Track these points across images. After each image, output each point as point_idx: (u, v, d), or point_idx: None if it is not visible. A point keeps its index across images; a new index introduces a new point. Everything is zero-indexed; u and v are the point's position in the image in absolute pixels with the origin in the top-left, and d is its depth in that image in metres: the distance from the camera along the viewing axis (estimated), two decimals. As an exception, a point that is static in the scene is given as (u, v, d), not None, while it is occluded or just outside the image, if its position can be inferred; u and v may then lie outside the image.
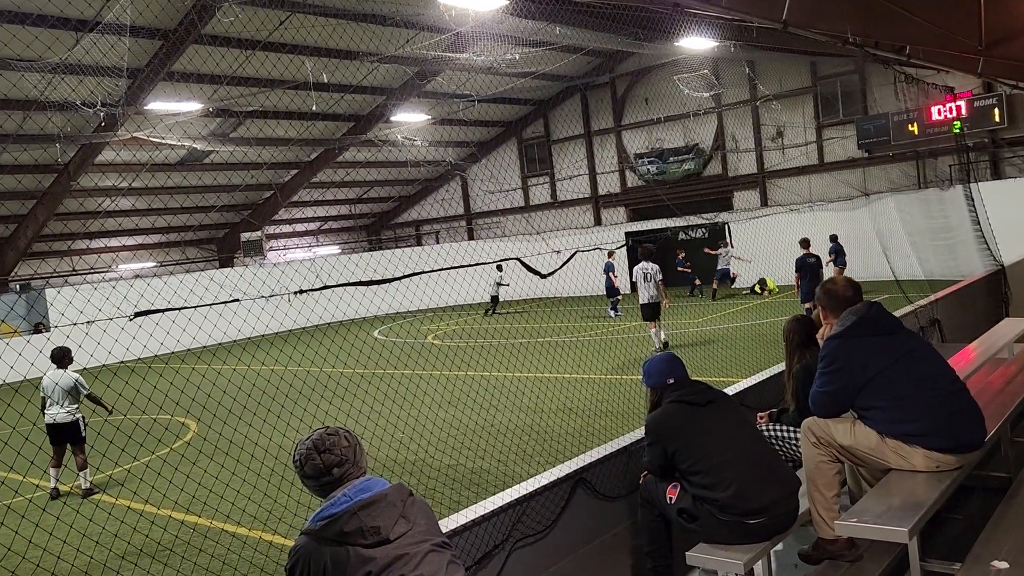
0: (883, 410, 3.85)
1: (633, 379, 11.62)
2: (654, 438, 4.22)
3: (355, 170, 29.69)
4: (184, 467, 8.81)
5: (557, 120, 31.06)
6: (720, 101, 26.15)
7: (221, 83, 19.30)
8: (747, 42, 14.14)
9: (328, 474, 2.70)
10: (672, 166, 27.65)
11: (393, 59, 20.82)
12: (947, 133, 19.13)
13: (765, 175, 26.21)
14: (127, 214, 26.17)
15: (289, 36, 18.81)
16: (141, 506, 8.05)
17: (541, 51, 18.99)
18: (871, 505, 3.67)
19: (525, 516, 4.38)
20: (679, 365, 4.37)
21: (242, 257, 29.35)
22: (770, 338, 14.23)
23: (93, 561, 6.61)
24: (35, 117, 18.26)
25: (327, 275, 26.04)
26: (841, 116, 24.29)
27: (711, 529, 3.92)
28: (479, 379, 12.94)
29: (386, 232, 36.06)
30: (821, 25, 8.47)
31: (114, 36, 14.16)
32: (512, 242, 28.71)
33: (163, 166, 24.16)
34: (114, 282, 24.63)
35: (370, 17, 18.12)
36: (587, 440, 8.19)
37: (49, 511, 7.98)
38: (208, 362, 20.64)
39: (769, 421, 5.14)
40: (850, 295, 4.18)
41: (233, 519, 7.30)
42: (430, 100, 25.28)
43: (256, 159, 25.39)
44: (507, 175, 32.11)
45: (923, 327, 8.42)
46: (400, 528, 2.60)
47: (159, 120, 20.25)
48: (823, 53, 17.21)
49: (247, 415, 10.03)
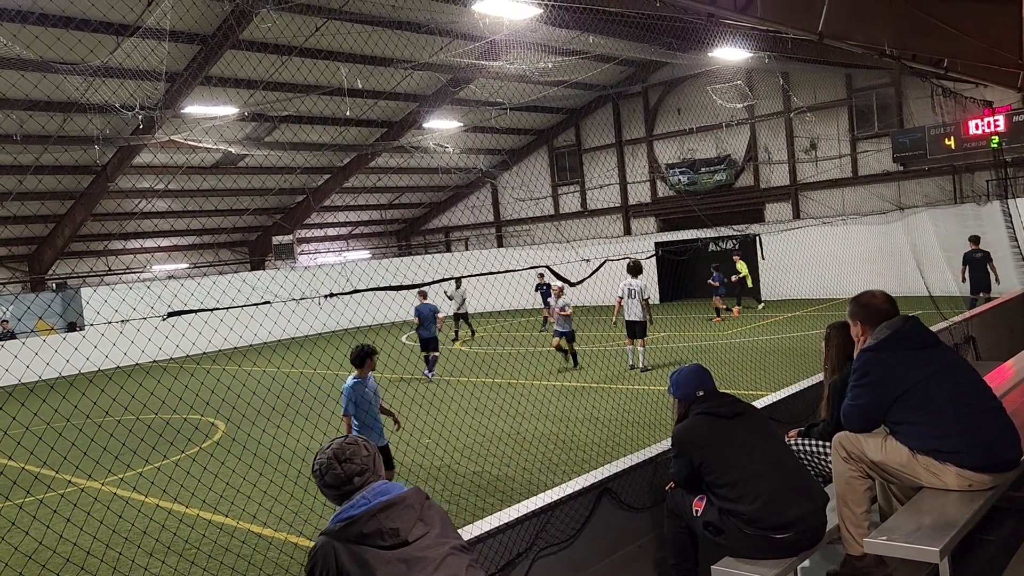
0: (915, 425, 3.79)
1: (659, 390, 11.55)
2: (681, 449, 4.19)
3: (387, 176, 29.91)
4: (213, 467, 8.91)
5: (588, 129, 31.05)
6: (753, 112, 25.98)
7: (257, 88, 19.56)
8: (782, 53, 14.03)
9: (349, 483, 2.72)
10: (703, 177, 27.51)
11: (427, 66, 20.96)
12: (985, 148, 18.85)
13: (798, 187, 25.98)
14: (162, 215, 26.59)
15: (325, 42, 19.03)
16: (170, 504, 8.15)
17: (574, 60, 19.01)
18: (901, 523, 3.61)
19: (549, 525, 4.37)
20: (708, 377, 4.35)
21: (273, 260, 29.65)
22: (799, 351, 14.09)
23: (122, 557, 6.70)
24: (76, 119, 18.63)
25: (357, 279, 26.20)
26: (876, 129, 24.02)
27: (737, 543, 3.88)
28: (506, 386, 12.94)
29: (416, 238, 36.25)
30: (857, 37, 8.40)
31: (154, 40, 14.43)
32: (541, 250, 28.73)
33: (198, 169, 24.51)
34: (148, 282, 25.01)
35: (405, 24, 18.27)
36: (613, 450, 8.16)
37: (80, 507, 8.10)
38: (239, 363, 20.87)
39: (798, 437, 5.08)
40: (888, 308, 4.09)
41: (260, 520, 7.37)
42: (462, 107, 25.41)
43: (289, 163, 25.68)
44: (537, 183, 32.14)
45: (958, 344, 8.28)
46: (418, 531, 2.61)
47: (196, 123, 20.57)
48: (859, 65, 17.04)
49: (275, 417, 10.12)
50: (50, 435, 9.36)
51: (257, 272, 28.25)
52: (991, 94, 18.48)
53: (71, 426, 10.22)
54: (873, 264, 21.10)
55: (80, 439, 9.97)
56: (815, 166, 25.46)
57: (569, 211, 31.73)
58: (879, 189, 23.82)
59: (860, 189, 24.36)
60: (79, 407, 12.22)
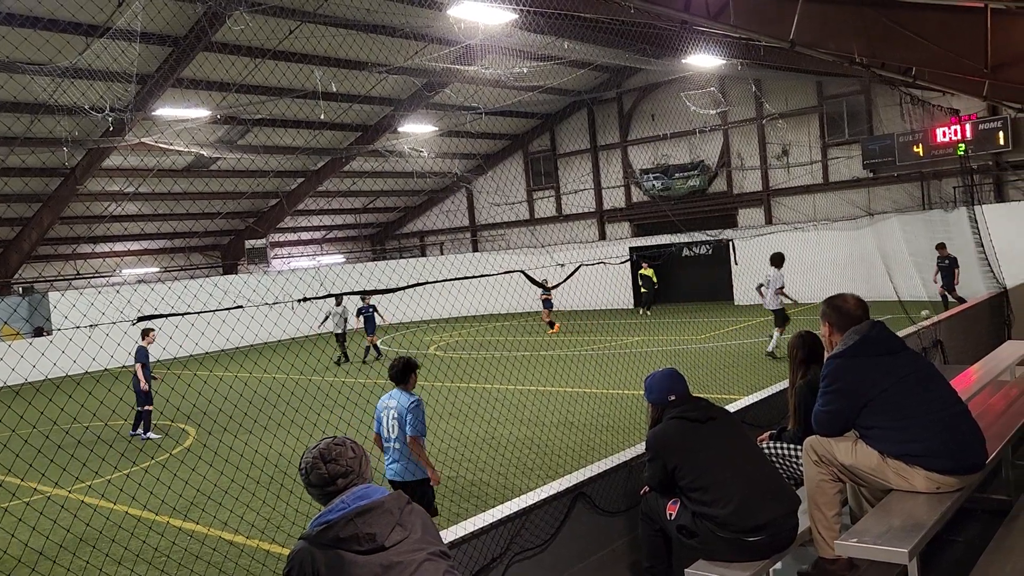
0: (885, 430, 3.85)
1: (635, 394, 11.60)
2: (654, 454, 4.21)
3: (361, 180, 29.77)
4: (183, 473, 8.80)
5: (563, 134, 31.16)
6: (726, 118, 26.22)
7: (229, 90, 19.39)
8: (754, 60, 14.21)
9: (333, 484, 2.72)
10: (677, 182, 27.71)
11: (402, 70, 20.91)
12: (952, 155, 19.17)
13: (770, 193, 26.25)
14: (133, 219, 26.24)
15: (299, 45, 18.91)
16: (139, 512, 8.04)
17: (549, 65, 19.06)
18: (871, 525, 3.66)
19: (524, 529, 4.37)
20: (681, 381, 4.38)
21: (246, 264, 29.40)
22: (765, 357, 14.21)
23: (89, 565, 6.59)
24: (44, 120, 18.33)
25: (331, 284, 26.11)
26: (847, 136, 24.34)
27: (710, 546, 3.91)
28: (481, 391, 12.93)
29: (391, 242, 36.13)
30: (828, 45, 8.52)
31: (125, 42, 14.24)
32: (517, 255, 28.75)
33: (170, 172, 24.23)
34: (118, 287, 24.66)
35: (379, 28, 18.21)
36: (587, 454, 8.18)
37: (46, 515, 7.96)
38: (210, 368, 20.65)
39: (770, 440, 5.13)
40: (859, 314, 4.16)
41: (231, 527, 7.29)
42: (437, 112, 25.38)
43: (263, 167, 25.47)
44: (513, 188, 32.18)
45: (926, 348, 8.41)
46: (396, 536, 2.61)
47: (167, 126, 20.34)
48: (830, 73, 17.28)
49: (247, 423, 10.02)
50: (15, 442, 9.20)
51: (229, 276, 27.98)
52: (958, 102, 18.83)
53: (37, 432, 10.04)
54: (844, 269, 21.35)
55: (47, 446, 9.80)
56: (787, 172, 25.74)
57: (544, 216, 31.80)
58: (849, 195, 24.14)
59: (831, 195, 24.67)
60: (45, 413, 12.03)
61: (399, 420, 6.06)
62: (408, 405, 6.05)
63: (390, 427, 6.09)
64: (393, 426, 6.08)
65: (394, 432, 6.08)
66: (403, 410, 6.04)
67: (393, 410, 6.10)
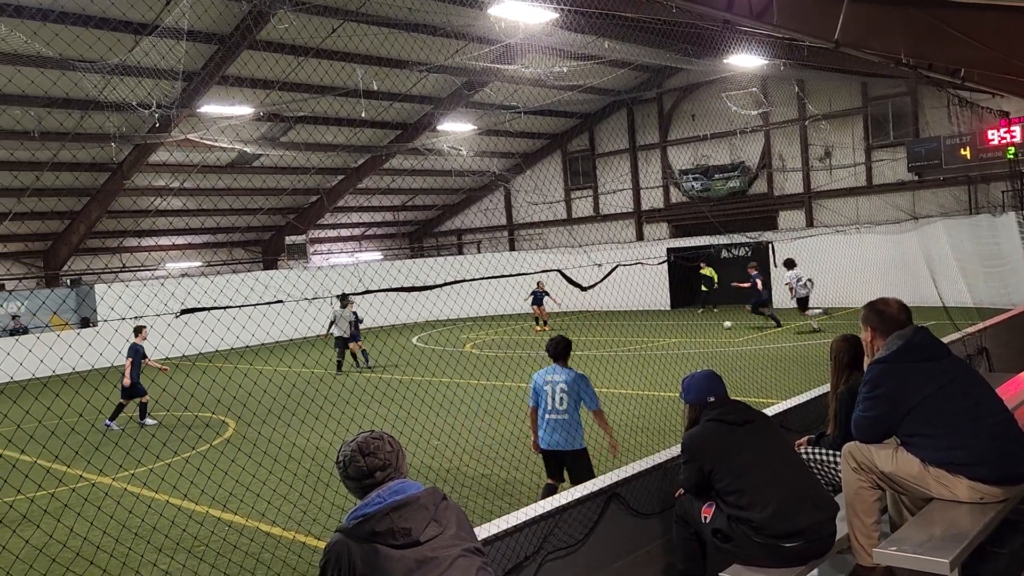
0: (927, 438, 3.78)
1: (670, 396, 11.53)
2: (690, 456, 4.19)
3: (400, 177, 29.99)
4: (223, 464, 8.95)
5: (602, 134, 31.06)
6: (768, 119, 25.92)
7: (273, 88, 19.67)
8: (797, 61, 14.01)
9: (370, 477, 2.76)
10: (717, 183, 27.46)
11: (442, 69, 21.02)
12: (1001, 158, 18.74)
13: (812, 195, 25.90)
14: (177, 214, 26.75)
15: (341, 44, 19.11)
16: (180, 501, 8.19)
17: (589, 65, 19.02)
18: (912, 534, 3.60)
19: (557, 529, 4.37)
20: (719, 383, 4.34)
21: (286, 260, 29.79)
22: (811, 360, 14.02)
23: (131, 552, 6.74)
24: (93, 116, 18.78)
25: (369, 280, 26.35)
26: (892, 138, 23.92)
27: (746, 550, 3.88)
28: (516, 389, 12.95)
29: (428, 240, 36.33)
30: (874, 45, 8.38)
31: (172, 39, 14.53)
32: (553, 254, 28.75)
33: (213, 168, 24.66)
34: (162, 280, 25.16)
35: (421, 27, 18.33)
36: (622, 456, 8.15)
37: (91, 502, 8.16)
38: (250, 362, 20.96)
39: (808, 445, 5.07)
40: (902, 318, 4.07)
41: (268, 518, 7.40)
42: (477, 110, 25.46)
43: (304, 164, 25.80)
44: (550, 187, 32.17)
45: (971, 355, 8.24)
46: (431, 531, 2.64)
47: (212, 123, 20.70)
48: (875, 74, 16.98)
49: (286, 416, 10.15)
50: (62, 430, 9.44)
51: (270, 271, 28.37)
52: (1008, 105, 18.39)
53: (83, 421, 10.30)
54: (886, 273, 20.99)
55: (92, 434, 10.03)
56: (829, 174, 25.37)
57: (582, 215, 31.73)
58: (893, 198, 23.71)
59: (874, 198, 24.26)
60: (91, 402, 12.34)
61: (568, 393, 6.38)
62: (579, 380, 6.43)
63: (558, 399, 6.39)
64: (562, 399, 6.38)
65: (562, 404, 6.38)
66: (574, 384, 6.40)
67: (561, 384, 6.41)
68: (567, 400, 6.39)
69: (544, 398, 6.47)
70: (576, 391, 6.40)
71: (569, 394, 6.39)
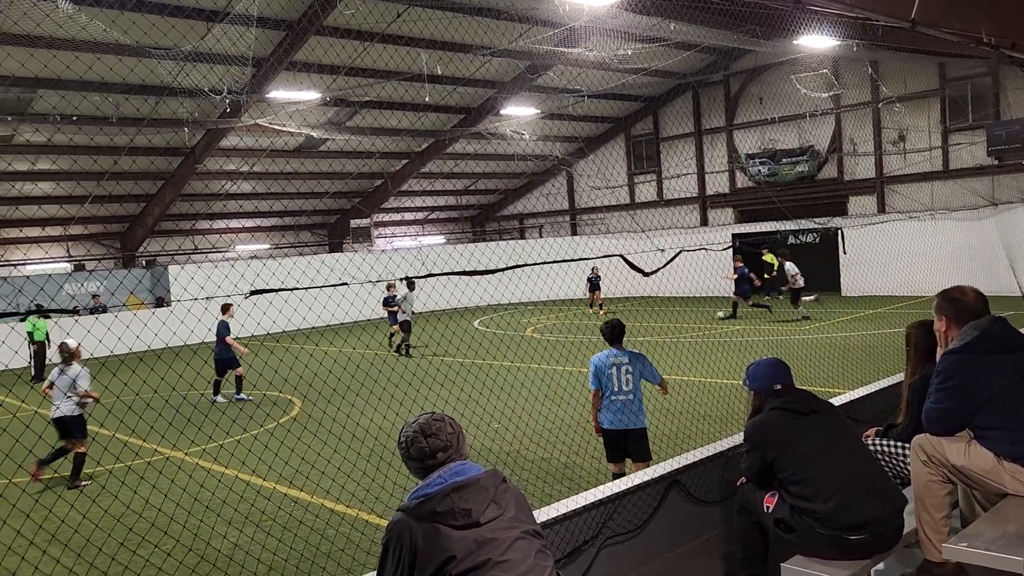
0: (1002, 431, 3.65)
1: (732, 384, 11.38)
2: (753, 444, 4.14)
3: (463, 162, 30.12)
4: (289, 442, 9.19)
5: (667, 117, 30.64)
6: (839, 102, 25.19)
7: (339, 73, 19.92)
8: (871, 41, 13.55)
9: (432, 457, 2.80)
10: (784, 168, 26.85)
11: (505, 53, 20.98)
12: (1090, 142, 17.87)
13: (884, 180, 25.11)
14: (247, 197, 27.40)
15: (406, 28, 19.25)
16: (248, 476, 8.44)
17: (654, 47, 18.74)
18: (984, 530, 3.50)
19: (616, 514, 4.38)
20: (786, 371, 4.27)
21: (351, 243, 30.27)
22: (880, 349, 13.67)
23: (202, 524, 6.98)
24: (168, 102, 19.34)
25: (432, 264, 26.61)
26: (970, 121, 23.00)
27: (809, 541, 3.82)
28: (576, 374, 12.95)
29: (490, 224, 36.45)
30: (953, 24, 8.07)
31: (242, 26, 14.84)
32: (616, 239, 28.55)
33: (281, 152, 25.16)
34: (232, 261, 25.85)
35: (485, 11, 18.33)
36: (683, 443, 8.09)
37: (165, 475, 8.47)
38: (316, 342, 21.41)
39: (876, 436, 4.95)
40: (979, 308, 3.91)
41: (333, 495, 7.58)
42: (540, 94, 25.37)
43: (369, 148, 26.13)
44: (613, 171, 31.90)
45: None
46: (491, 513, 2.67)
47: (280, 108, 21.10)
48: (953, 54, 16.32)
49: (350, 396, 10.35)
50: (139, 405, 9.81)
51: (335, 254, 28.87)
52: (1098, 85, 17.50)
53: (158, 397, 10.68)
54: (962, 261, 20.29)
55: (166, 410, 10.42)
56: (903, 158, 24.55)
57: (645, 200, 31.41)
58: (971, 183, 22.84)
59: (951, 183, 23.40)
60: (166, 379, 12.79)
61: (633, 374, 6.59)
62: (640, 358, 6.66)
63: (624, 380, 6.58)
64: (627, 380, 6.58)
65: (628, 385, 6.58)
66: (636, 363, 6.61)
67: (626, 365, 6.59)
68: (632, 380, 6.59)
69: (609, 380, 6.60)
70: (639, 370, 6.62)
71: (634, 374, 6.59)
